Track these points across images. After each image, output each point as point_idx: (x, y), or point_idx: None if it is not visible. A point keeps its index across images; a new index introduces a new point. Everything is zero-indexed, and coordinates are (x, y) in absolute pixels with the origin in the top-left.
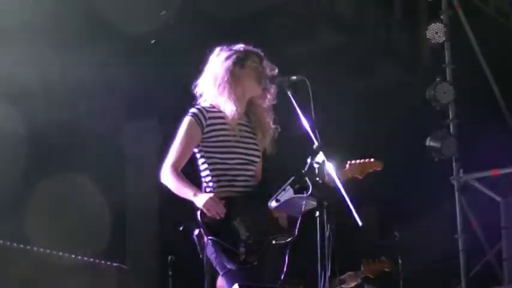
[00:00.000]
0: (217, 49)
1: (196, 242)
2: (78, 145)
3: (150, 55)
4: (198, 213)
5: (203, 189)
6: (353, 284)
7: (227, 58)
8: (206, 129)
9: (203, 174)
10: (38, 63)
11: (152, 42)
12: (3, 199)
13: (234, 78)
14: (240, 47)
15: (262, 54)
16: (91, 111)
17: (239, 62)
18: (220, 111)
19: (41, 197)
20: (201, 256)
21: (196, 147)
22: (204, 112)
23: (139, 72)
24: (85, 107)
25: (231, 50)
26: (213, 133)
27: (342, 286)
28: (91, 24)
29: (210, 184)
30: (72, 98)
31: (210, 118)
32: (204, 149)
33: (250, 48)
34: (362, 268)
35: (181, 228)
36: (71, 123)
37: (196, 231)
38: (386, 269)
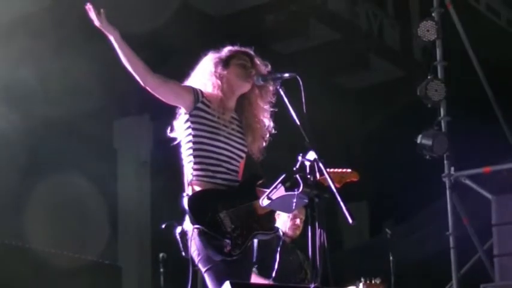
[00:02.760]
0: (208, 54)
1: (179, 239)
2: (70, 142)
3: (142, 52)
4: (185, 202)
5: (187, 180)
6: None
7: (209, 61)
8: (198, 105)
9: (187, 160)
10: (33, 62)
11: None
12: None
13: (218, 78)
14: (226, 49)
15: (252, 53)
16: (83, 109)
17: (221, 63)
18: (211, 102)
19: (33, 196)
20: (183, 254)
21: (186, 129)
22: (201, 93)
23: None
24: (77, 104)
25: (216, 53)
26: (203, 120)
27: None
28: (86, 23)
29: (194, 173)
30: (65, 95)
31: (202, 103)
32: (193, 132)
33: (238, 48)
34: (361, 285)
35: (163, 226)
36: (63, 120)
37: (179, 229)
38: None
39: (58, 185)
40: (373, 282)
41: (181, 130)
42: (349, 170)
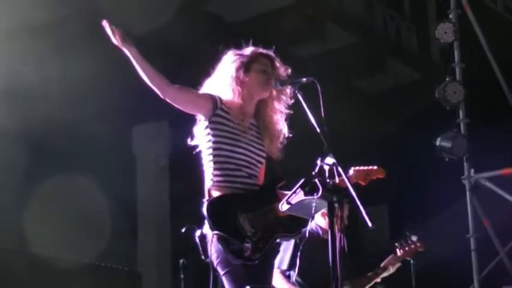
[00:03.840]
0: (229, 52)
1: (199, 243)
2: (89, 148)
3: (160, 57)
4: (204, 208)
5: (207, 186)
6: (395, 269)
7: (231, 63)
8: (217, 112)
9: (207, 166)
10: (51, 64)
11: None
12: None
13: (239, 83)
14: (248, 50)
15: (273, 55)
16: (102, 114)
17: (243, 67)
18: (230, 109)
19: (51, 201)
20: (203, 257)
21: (205, 136)
22: (219, 100)
23: None
24: (96, 109)
25: (238, 54)
26: (222, 127)
27: (385, 274)
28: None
29: (214, 179)
30: (83, 100)
31: (221, 109)
32: (213, 138)
33: (259, 50)
34: (398, 252)
35: (183, 230)
36: (83, 125)
37: (198, 233)
38: (421, 249)
39: (76, 191)
40: (409, 242)
41: (201, 136)
42: (375, 167)
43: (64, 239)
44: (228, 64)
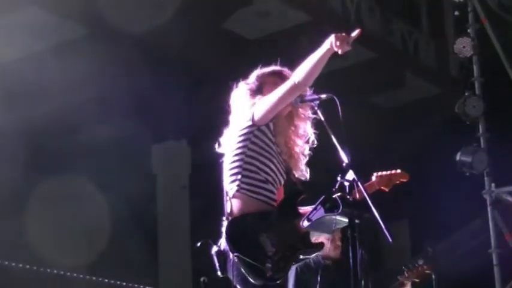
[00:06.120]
0: (239, 85)
1: (215, 259)
2: (109, 167)
3: (179, 77)
4: (224, 229)
5: (228, 194)
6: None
7: (244, 96)
8: (269, 125)
9: (231, 172)
10: (71, 80)
11: None
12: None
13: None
14: (253, 76)
15: (278, 68)
16: (121, 133)
17: (256, 94)
18: (277, 134)
19: (72, 220)
20: (218, 273)
21: (242, 141)
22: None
23: (169, 94)
24: (115, 128)
25: (246, 84)
26: (265, 139)
27: None
28: (134, 54)
29: (242, 185)
30: (101, 118)
31: (273, 125)
32: (250, 145)
33: (263, 71)
34: (406, 275)
35: (198, 245)
36: (102, 144)
37: (215, 248)
38: (428, 271)
39: (97, 212)
40: (416, 265)
41: (234, 137)
42: (398, 171)
43: (85, 259)
44: (242, 99)
